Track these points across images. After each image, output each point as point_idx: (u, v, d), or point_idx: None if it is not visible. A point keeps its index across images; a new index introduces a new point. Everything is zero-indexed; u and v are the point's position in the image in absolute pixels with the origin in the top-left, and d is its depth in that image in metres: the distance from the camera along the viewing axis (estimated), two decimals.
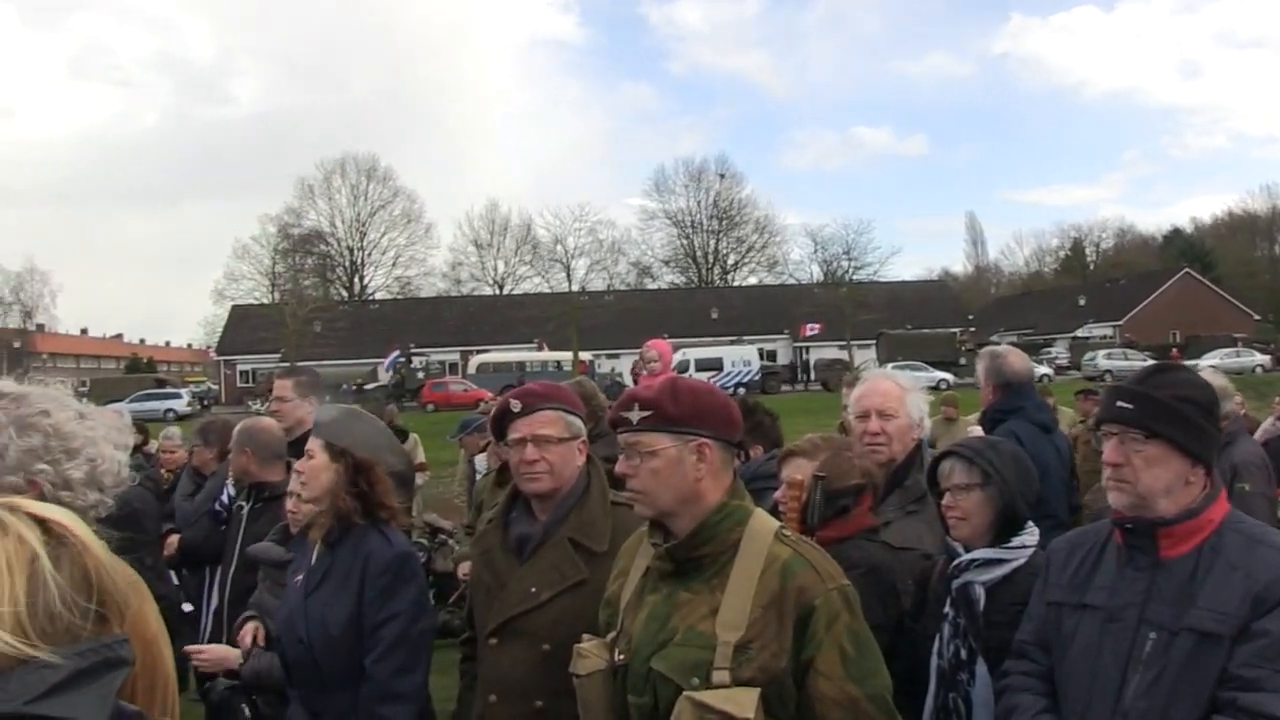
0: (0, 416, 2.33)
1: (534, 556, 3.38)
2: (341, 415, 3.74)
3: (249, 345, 71.02)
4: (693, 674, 2.51)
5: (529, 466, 3.39)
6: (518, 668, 3.29)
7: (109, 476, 2.41)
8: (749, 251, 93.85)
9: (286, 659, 3.56)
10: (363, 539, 3.55)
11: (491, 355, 60.72)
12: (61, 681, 1.48)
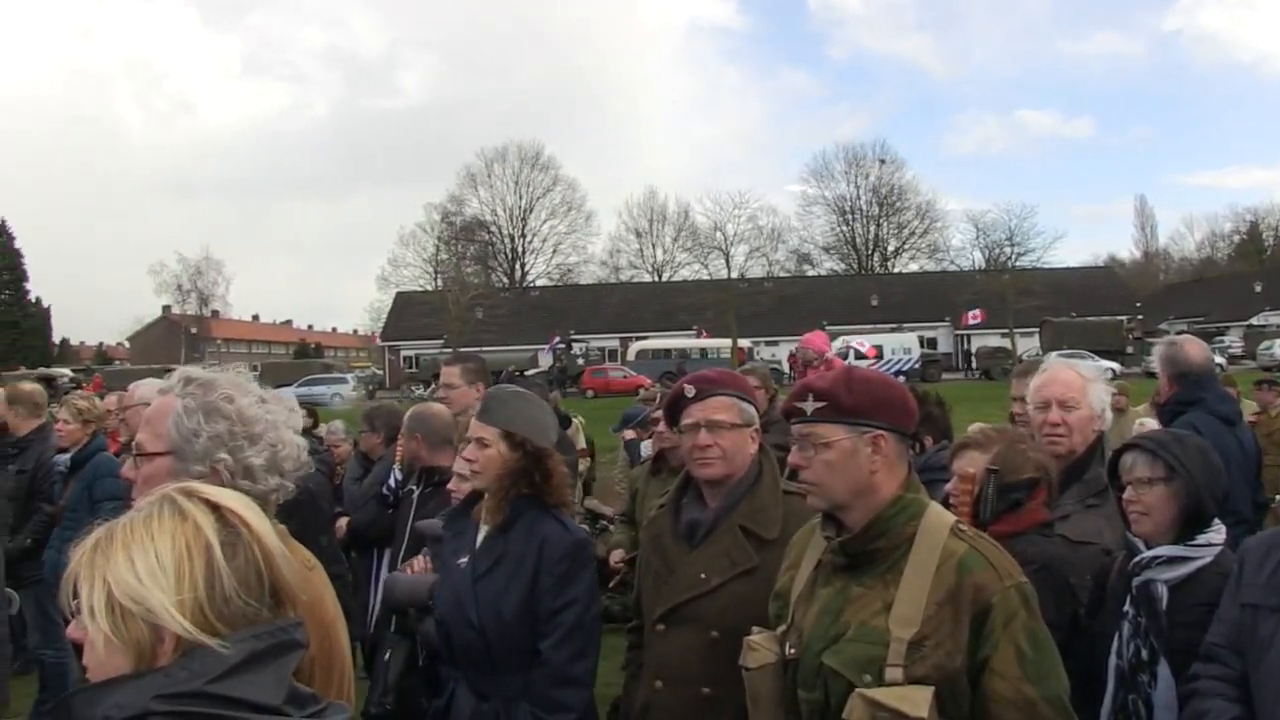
0: (190, 402, 2.40)
1: (704, 542, 3.37)
2: (514, 400, 3.76)
3: (412, 331, 72.64)
4: (865, 670, 2.47)
5: (702, 451, 3.38)
6: (685, 654, 3.29)
7: (289, 462, 2.46)
8: (910, 237, 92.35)
9: (452, 641, 3.60)
10: (536, 524, 3.58)
11: (650, 342, 61.03)
12: (239, 663, 1.53)
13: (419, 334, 70.98)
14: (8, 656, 4.81)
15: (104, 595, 1.54)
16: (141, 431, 2.45)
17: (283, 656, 1.60)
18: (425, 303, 71.38)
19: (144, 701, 1.47)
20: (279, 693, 1.57)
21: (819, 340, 7.87)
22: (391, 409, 7.18)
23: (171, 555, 1.55)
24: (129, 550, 1.56)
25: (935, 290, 73.83)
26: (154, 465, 2.40)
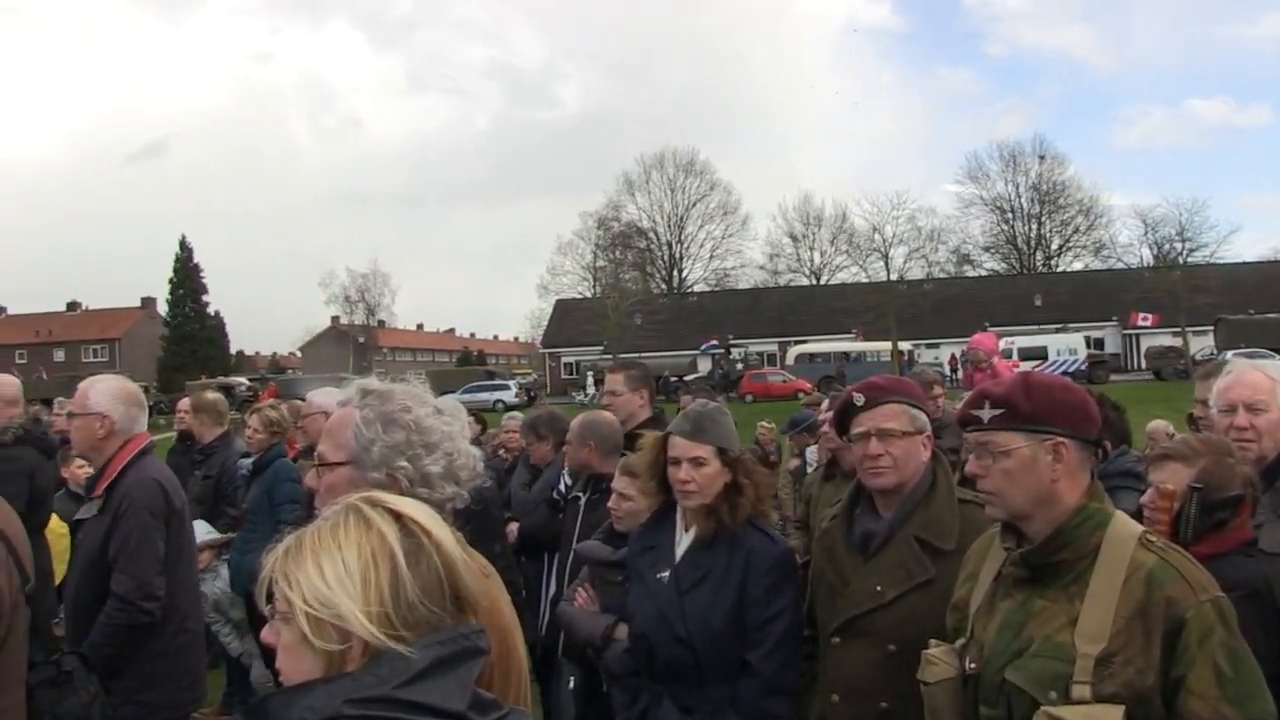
0: (368, 413, 2.45)
1: (879, 554, 3.32)
2: (720, 416, 3.78)
3: (572, 338, 73.44)
4: (1050, 687, 2.39)
5: (873, 461, 3.33)
6: (862, 667, 3.24)
7: (465, 470, 2.49)
8: (1073, 235, 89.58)
9: (655, 655, 3.61)
10: (741, 536, 3.60)
11: (810, 346, 60.58)
12: (425, 668, 1.55)
13: (579, 340, 71.73)
14: (204, 654, 4.98)
15: (295, 601, 1.58)
16: (323, 442, 2.51)
17: (466, 663, 1.62)
18: (585, 309, 72.20)
19: (335, 705, 1.51)
20: (463, 698, 1.59)
21: (988, 341, 7.67)
22: (555, 415, 7.23)
23: (358, 563, 1.59)
24: (318, 558, 1.60)
25: (1101, 288, 71.42)
26: (335, 475, 2.45)
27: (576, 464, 5.46)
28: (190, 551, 4.77)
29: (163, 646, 4.45)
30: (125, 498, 4.40)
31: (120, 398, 4.56)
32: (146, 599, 4.32)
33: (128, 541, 4.34)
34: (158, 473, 4.60)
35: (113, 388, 4.61)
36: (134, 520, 4.36)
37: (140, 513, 4.38)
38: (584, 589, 4.52)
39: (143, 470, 4.52)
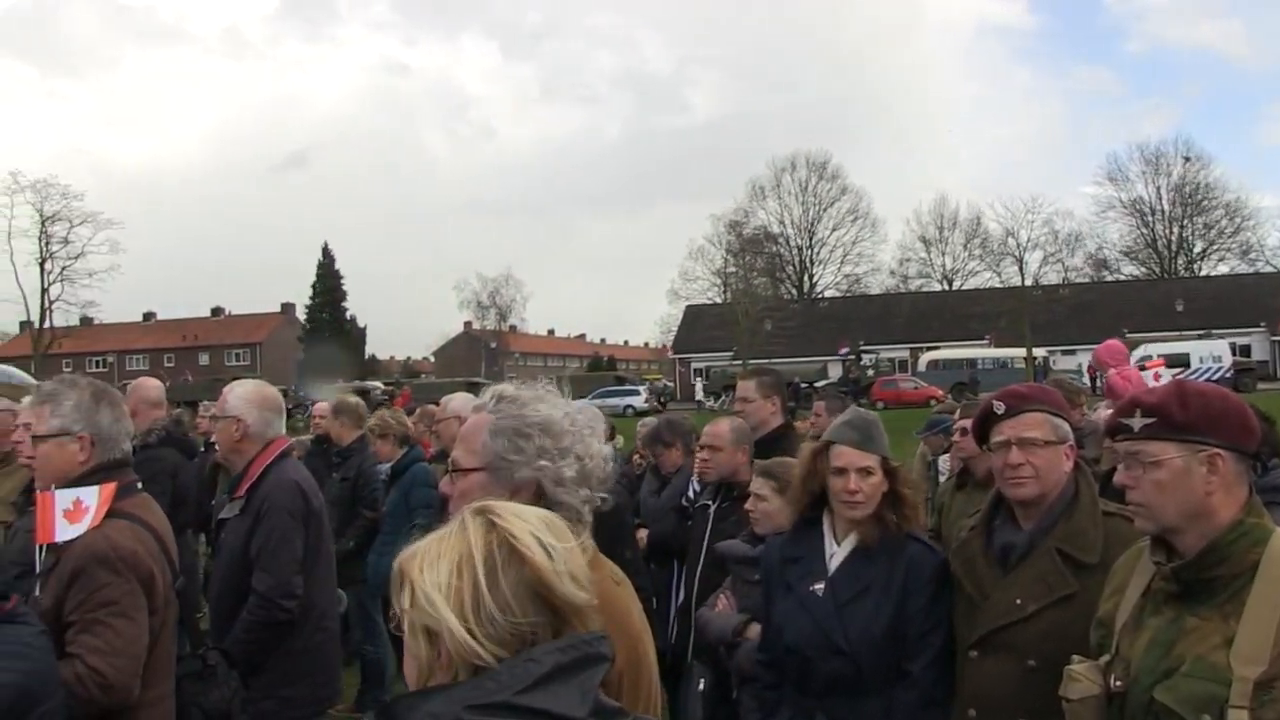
0: (502, 419, 2.45)
1: (1019, 566, 3.24)
2: (878, 425, 3.76)
3: (702, 344, 73.49)
4: (1204, 710, 2.30)
5: (1013, 471, 3.25)
6: (1001, 683, 3.17)
7: (597, 475, 2.48)
8: (1218, 238, 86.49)
9: (812, 668, 3.57)
10: (899, 546, 3.58)
11: (942, 352, 59.71)
12: (545, 675, 1.56)
13: (709, 346, 71.77)
14: (339, 654, 5.08)
15: (411, 606, 1.63)
16: (457, 448, 2.53)
17: (588, 669, 1.63)
18: (715, 315, 72.18)
19: (455, 710, 1.53)
20: (584, 705, 1.59)
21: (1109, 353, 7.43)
22: (678, 420, 7.22)
23: (447, 573, 1.61)
24: (423, 565, 1.64)
25: (1248, 293, 68.84)
26: (469, 481, 2.46)
27: (729, 470, 5.39)
28: (328, 552, 4.88)
29: (301, 644, 4.56)
30: (266, 499, 4.54)
31: (254, 402, 4.70)
32: (285, 597, 4.44)
33: (268, 542, 4.47)
34: (297, 475, 4.73)
35: (248, 392, 4.75)
36: (274, 521, 4.49)
37: (280, 514, 4.51)
38: (724, 595, 4.51)
39: (282, 473, 4.64)
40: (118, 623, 3.33)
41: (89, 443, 3.61)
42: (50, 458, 3.62)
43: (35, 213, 61.79)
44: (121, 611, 3.35)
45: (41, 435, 3.63)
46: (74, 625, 3.30)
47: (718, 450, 5.41)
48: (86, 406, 3.63)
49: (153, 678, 3.49)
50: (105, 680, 3.23)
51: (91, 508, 3.46)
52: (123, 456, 3.71)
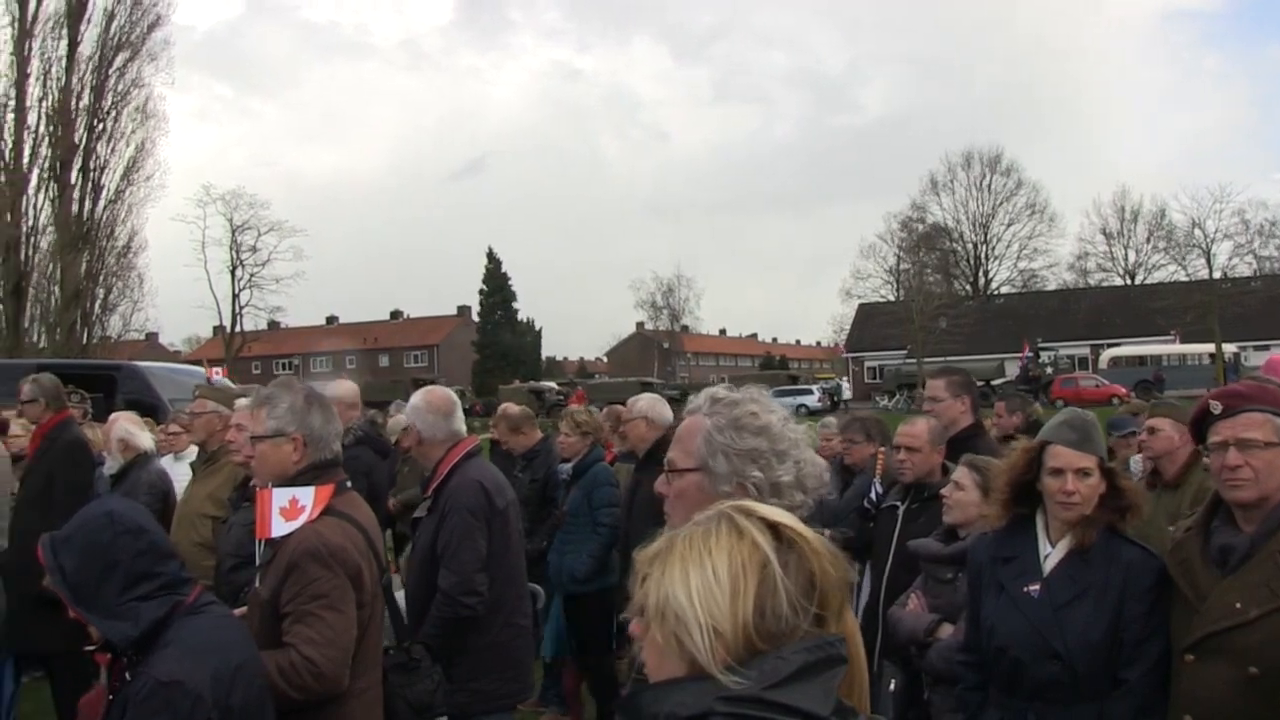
0: (718, 420, 2.46)
1: (1239, 570, 3.13)
2: (1091, 427, 3.67)
3: (875, 342, 72.64)
4: None
5: (1231, 473, 3.14)
6: (1218, 689, 3.06)
7: (812, 479, 2.47)
8: None
9: (1025, 672, 3.51)
10: (1118, 549, 3.51)
11: (1124, 349, 57.87)
12: (794, 673, 1.57)
13: (882, 345, 70.90)
14: (531, 651, 5.18)
15: (658, 602, 1.63)
16: (673, 449, 2.55)
17: (831, 670, 1.63)
18: (888, 313, 71.07)
19: (707, 703, 1.54)
20: (827, 704, 1.60)
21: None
22: (878, 419, 7.14)
23: (728, 573, 1.61)
24: (686, 565, 1.63)
25: None
26: (685, 481, 2.48)
27: (925, 470, 5.31)
28: (516, 550, 4.98)
29: (490, 639, 4.69)
30: (449, 498, 4.68)
31: (426, 408, 4.88)
32: (467, 594, 4.56)
33: (450, 540, 4.61)
34: (480, 474, 4.85)
35: (417, 400, 4.97)
36: (456, 520, 4.63)
37: (461, 513, 4.64)
38: (915, 594, 4.47)
39: (466, 472, 4.77)
40: (329, 615, 3.46)
41: (302, 443, 3.76)
42: (267, 457, 3.78)
43: (226, 222, 64.38)
44: (332, 604, 3.48)
45: (259, 436, 3.80)
46: (289, 616, 3.46)
47: (915, 451, 5.33)
48: (300, 409, 3.79)
49: (361, 668, 3.62)
50: (317, 669, 3.37)
51: (307, 506, 3.62)
52: (333, 457, 3.85)
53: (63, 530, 2.83)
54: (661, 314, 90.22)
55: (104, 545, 2.74)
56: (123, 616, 2.71)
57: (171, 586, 2.83)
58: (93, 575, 2.72)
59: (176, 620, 2.79)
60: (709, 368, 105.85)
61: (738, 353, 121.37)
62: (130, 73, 45.91)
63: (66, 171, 44.36)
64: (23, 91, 42.81)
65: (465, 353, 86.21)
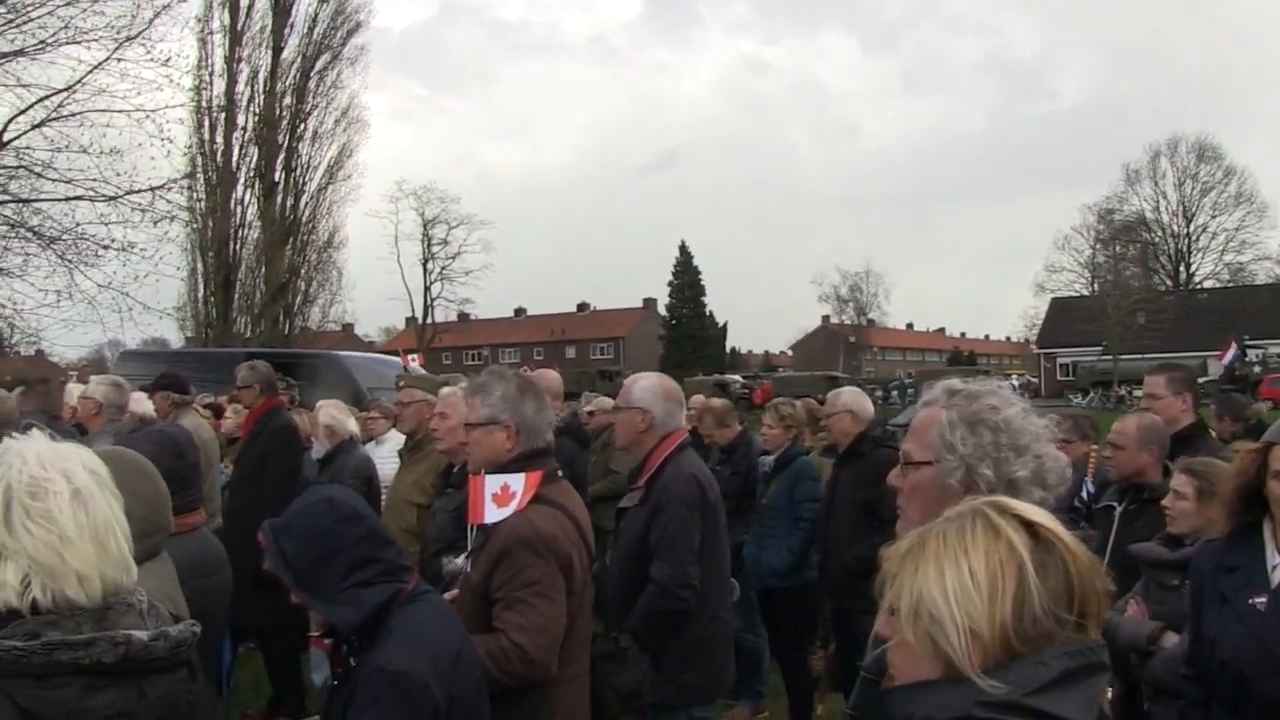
0: (954, 413, 2.39)
1: None
2: None
3: (1069, 338, 70.50)
4: None
5: None
6: None
7: (1053, 474, 2.38)
8: None
9: (1249, 688, 3.30)
10: None
11: None
12: (1054, 679, 1.51)
13: (1076, 340, 68.71)
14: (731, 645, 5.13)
15: (911, 602, 1.59)
16: (909, 441, 2.49)
17: (1092, 677, 1.57)
18: (1082, 308, 68.84)
19: (965, 707, 1.50)
20: (1090, 713, 1.55)
21: None
22: (1088, 416, 6.92)
23: (985, 573, 1.56)
24: (940, 563, 1.59)
25: None
26: (920, 474, 2.43)
27: (1130, 469, 5.12)
28: (723, 544, 4.94)
29: (696, 632, 4.66)
30: (664, 490, 4.64)
31: (661, 394, 4.81)
32: (682, 587, 4.53)
33: (665, 532, 4.57)
34: (694, 467, 4.82)
35: (654, 385, 4.88)
36: (671, 512, 4.59)
37: (678, 505, 4.60)
38: (1135, 600, 4.29)
39: (680, 464, 4.74)
40: (539, 602, 3.49)
41: (515, 431, 3.80)
42: (480, 444, 3.83)
43: (418, 216, 66.32)
44: (542, 592, 3.51)
45: (473, 423, 3.86)
46: (499, 602, 3.50)
47: (1120, 448, 5.14)
48: (513, 397, 3.83)
49: (569, 656, 3.65)
50: (527, 655, 3.40)
51: (518, 493, 3.65)
52: (545, 445, 3.88)
53: (283, 516, 2.89)
54: (847, 308, 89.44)
55: (324, 531, 2.78)
56: (345, 602, 2.74)
57: (391, 573, 2.85)
58: (314, 561, 2.76)
59: (398, 608, 2.82)
60: (895, 362, 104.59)
61: (925, 347, 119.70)
62: (330, 76, 47.82)
63: (271, 171, 46.35)
64: (233, 97, 44.88)
65: (651, 345, 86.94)
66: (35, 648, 1.90)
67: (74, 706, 1.92)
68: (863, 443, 6.59)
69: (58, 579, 1.99)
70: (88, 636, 1.96)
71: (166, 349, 33.68)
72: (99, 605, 2.03)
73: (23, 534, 1.97)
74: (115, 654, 1.97)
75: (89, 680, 1.94)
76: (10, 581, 1.96)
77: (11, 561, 1.97)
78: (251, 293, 46.22)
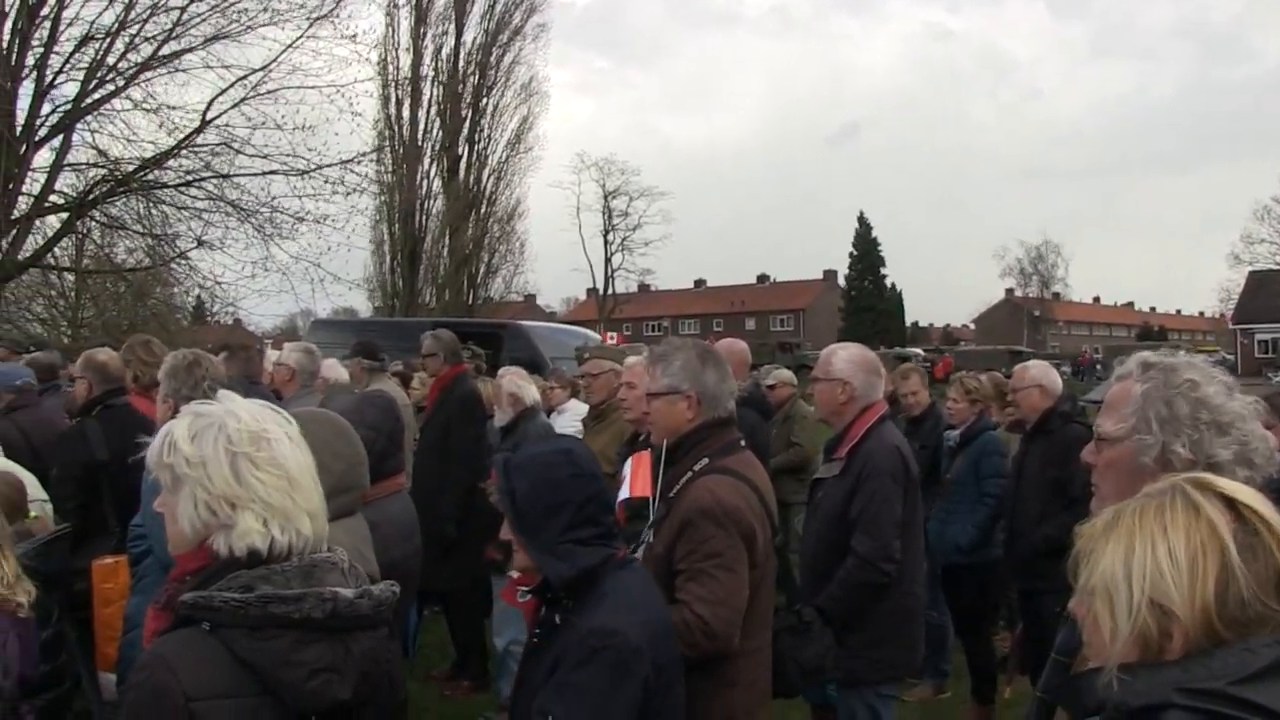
0: (1150, 387, 2.30)
1: None
2: None
3: (1268, 313, 67.32)
4: None
5: None
6: None
7: (1260, 454, 2.25)
8: None
9: None
10: None
11: None
12: (1263, 669, 1.45)
13: (1276, 316, 65.56)
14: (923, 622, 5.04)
15: (1106, 581, 1.55)
16: (1103, 416, 2.40)
17: None
18: None
19: (1164, 693, 1.45)
20: None
21: None
22: None
23: (1185, 552, 1.51)
24: (1136, 541, 1.54)
25: None
26: (1114, 451, 2.34)
27: None
28: (919, 519, 4.89)
29: (892, 606, 4.61)
30: (867, 462, 4.59)
31: (861, 365, 4.76)
32: (885, 560, 4.49)
33: (869, 504, 4.52)
34: (896, 439, 4.78)
35: (854, 356, 4.81)
36: (876, 484, 4.54)
37: (882, 477, 4.55)
38: None
39: (883, 436, 4.69)
40: (721, 574, 3.46)
41: (695, 401, 3.76)
42: (661, 414, 3.82)
43: (599, 188, 66.86)
44: (725, 564, 3.48)
45: (654, 393, 3.85)
46: (681, 573, 3.48)
47: None
48: (693, 366, 3.79)
49: (751, 629, 3.61)
50: (709, 628, 3.38)
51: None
52: (727, 415, 3.84)
53: (519, 455, 2.92)
54: (1031, 280, 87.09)
55: (558, 482, 2.78)
56: (560, 556, 2.74)
57: (607, 538, 2.86)
58: (542, 508, 2.77)
59: (610, 572, 2.81)
60: (1081, 337, 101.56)
61: (1112, 321, 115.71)
62: (512, 52, 48.64)
63: (455, 145, 47.36)
64: (418, 75, 46.02)
65: (830, 317, 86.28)
66: (252, 600, 2.00)
67: (286, 658, 2.01)
68: (1052, 418, 6.39)
69: (292, 519, 2.13)
70: (298, 592, 2.05)
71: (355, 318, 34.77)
72: (306, 563, 2.12)
73: (254, 483, 2.10)
74: (323, 609, 2.05)
75: (299, 634, 2.03)
76: (254, 527, 2.08)
77: (249, 510, 2.09)
78: (436, 264, 47.44)
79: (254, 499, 2.09)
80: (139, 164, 21.22)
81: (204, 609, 2.01)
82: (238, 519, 2.08)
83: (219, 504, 2.08)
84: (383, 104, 44.20)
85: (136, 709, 2.00)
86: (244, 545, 2.07)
